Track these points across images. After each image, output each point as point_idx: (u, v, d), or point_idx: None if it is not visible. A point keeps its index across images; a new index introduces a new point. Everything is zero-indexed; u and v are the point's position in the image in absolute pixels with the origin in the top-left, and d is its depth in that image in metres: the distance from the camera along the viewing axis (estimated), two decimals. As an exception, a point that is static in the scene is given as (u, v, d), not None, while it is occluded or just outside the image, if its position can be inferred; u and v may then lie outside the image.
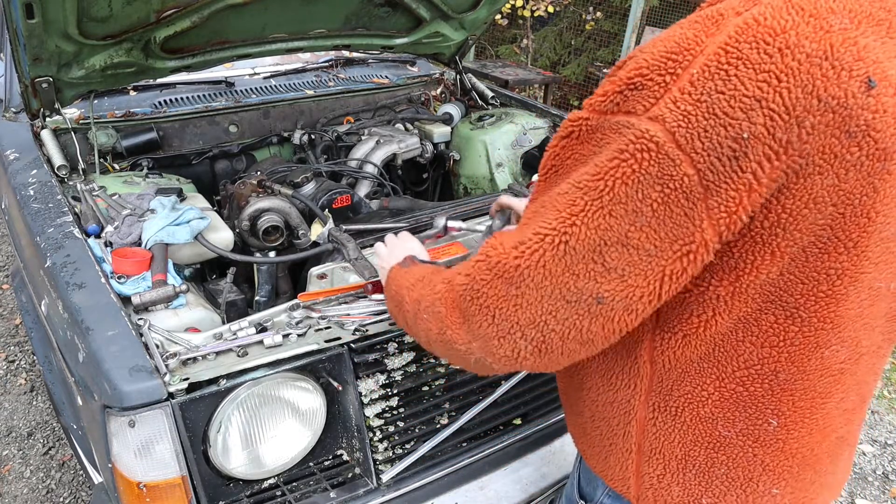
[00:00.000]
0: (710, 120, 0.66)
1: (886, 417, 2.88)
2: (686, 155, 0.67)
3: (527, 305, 0.78)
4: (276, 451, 1.32)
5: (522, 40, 6.64)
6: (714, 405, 0.85)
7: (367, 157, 2.30)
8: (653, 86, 0.70)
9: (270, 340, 1.27)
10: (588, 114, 0.76)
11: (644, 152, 0.68)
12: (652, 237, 0.71)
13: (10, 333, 3.21)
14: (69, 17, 1.61)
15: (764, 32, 0.66)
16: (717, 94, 0.66)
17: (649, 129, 0.68)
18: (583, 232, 0.74)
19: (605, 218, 0.72)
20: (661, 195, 0.69)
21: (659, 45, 0.71)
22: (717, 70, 0.66)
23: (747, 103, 0.65)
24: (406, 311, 1.01)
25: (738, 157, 0.66)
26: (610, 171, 0.71)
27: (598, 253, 0.73)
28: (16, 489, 2.39)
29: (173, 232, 1.55)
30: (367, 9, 2.18)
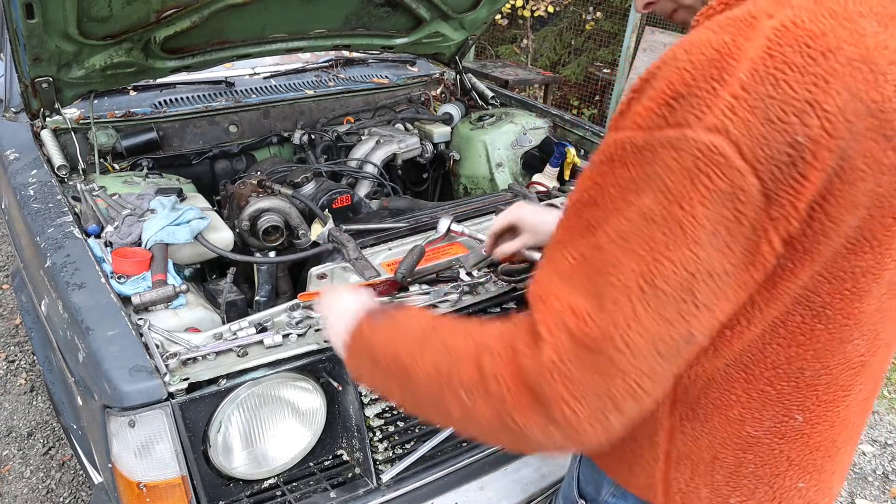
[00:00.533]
0: (767, 126, 0.64)
1: (886, 417, 2.88)
2: (750, 165, 0.64)
3: (622, 376, 0.68)
4: (276, 451, 1.32)
5: (522, 40, 6.64)
6: (742, 407, 0.85)
7: (367, 157, 2.30)
8: (702, 94, 0.65)
9: (270, 340, 1.27)
10: (631, 133, 0.69)
11: (714, 167, 0.64)
12: (730, 256, 0.67)
13: (10, 333, 3.21)
14: (69, 17, 1.61)
15: (805, 35, 0.65)
16: (770, 99, 0.64)
17: (713, 141, 0.64)
18: (670, 270, 0.66)
19: (691, 247, 0.66)
20: (734, 211, 0.65)
21: (696, 53, 0.68)
22: (765, 74, 0.64)
23: (799, 107, 0.64)
24: (414, 382, 0.82)
25: (794, 163, 0.64)
26: (684, 194, 0.65)
27: (688, 291, 0.67)
28: (16, 489, 2.39)
29: (173, 232, 1.55)
30: (367, 9, 2.18)
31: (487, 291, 1.48)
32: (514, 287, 1.49)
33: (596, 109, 6.34)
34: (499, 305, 1.49)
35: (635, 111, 0.70)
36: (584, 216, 0.73)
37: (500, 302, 1.49)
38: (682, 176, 0.65)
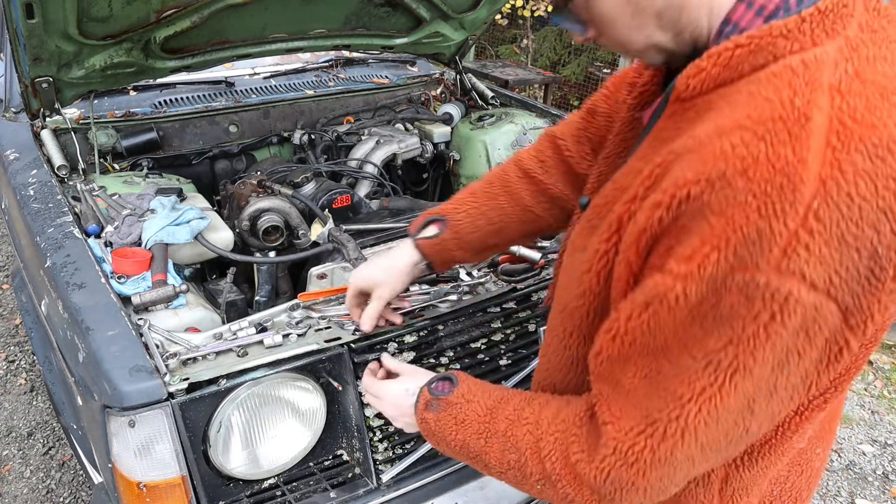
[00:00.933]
0: (843, 249, 0.60)
1: (886, 417, 2.88)
2: (824, 293, 0.61)
3: (680, 474, 0.73)
4: (276, 451, 1.32)
5: (522, 40, 6.64)
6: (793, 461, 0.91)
7: (367, 157, 2.30)
8: (773, 234, 0.60)
9: (270, 340, 1.27)
10: (691, 284, 0.64)
11: (787, 311, 0.61)
12: (800, 373, 0.66)
13: (10, 333, 3.21)
14: (69, 17, 1.61)
15: (868, 133, 0.60)
16: (845, 221, 0.59)
17: (790, 288, 0.60)
18: (731, 403, 0.67)
19: (753, 383, 0.65)
20: (806, 339, 0.63)
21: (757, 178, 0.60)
22: (838, 195, 0.59)
23: (874, 218, 0.60)
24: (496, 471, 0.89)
25: (873, 272, 0.61)
26: (757, 344, 0.63)
27: (746, 412, 0.68)
28: (16, 489, 2.39)
29: (173, 232, 1.55)
30: (367, 9, 2.18)
31: (487, 291, 1.48)
32: (513, 287, 1.49)
33: (596, 109, 6.33)
34: (499, 305, 1.48)
35: (694, 257, 0.63)
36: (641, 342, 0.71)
37: (500, 302, 1.49)
38: (753, 324, 0.62)
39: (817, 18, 0.65)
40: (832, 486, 2.51)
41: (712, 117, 0.66)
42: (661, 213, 0.66)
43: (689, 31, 0.72)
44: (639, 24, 0.72)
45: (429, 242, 1.17)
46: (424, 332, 1.38)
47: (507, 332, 1.49)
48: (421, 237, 1.18)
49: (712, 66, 0.68)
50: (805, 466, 0.94)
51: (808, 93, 0.62)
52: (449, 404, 0.93)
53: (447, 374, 0.98)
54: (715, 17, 0.70)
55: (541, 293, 1.53)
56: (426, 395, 0.97)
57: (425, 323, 1.38)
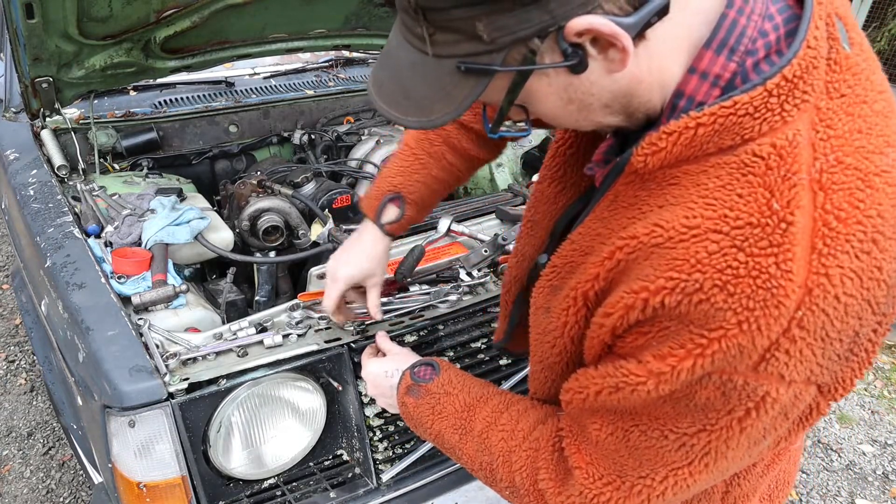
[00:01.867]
0: (826, 344, 0.59)
1: (886, 417, 2.88)
2: (807, 382, 0.61)
3: None
4: (276, 451, 1.32)
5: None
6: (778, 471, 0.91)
7: (367, 157, 2.30)
8: (754, 346, 0.58)
9: (270, 340, 1.27)
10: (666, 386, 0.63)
11: (767, 411, 0.61)
12: (774, 435, 0.67)
13: (10, 333, 3.21)
14: (69, 17, 1.61)
15: (854, 231, 0.57)
16: (831, 321, 0.58)
17: (769, 391, 0.60)
18: (703, 478, 0.67)
19: (723, 461, 0.66)
20: (783, 419, 0.64)
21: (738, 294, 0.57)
22: (825, 300, 0.57)
23: (858, 309, 0.59)
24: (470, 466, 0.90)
25: (852, 351, 0.62)
26: (727, 434, 0.63)
27: (718, 477, 0.69)
28: (16, 489, 2.39)
29: (173, 232, 1.55)
30: (367, 9, 2.18)
31: (487, 291, 1.48)
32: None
33: (596, 109, 6.33)
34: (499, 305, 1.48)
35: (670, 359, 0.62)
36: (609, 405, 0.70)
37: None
38: (727, 417, 0.62)
39: (785, 90, 0.59)
40: (832, 486, 2.51)
41: (679, 201, 0.62)
42: (636, 315, 0.64)
43: (641, 111, 0.67)
44: (586, 116, 0.67)
45: (395, 226, 1.17)
46: (425, 331, 1.38)
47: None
48: (386, 222, 1.16)
49: (672, 145, 0.62)
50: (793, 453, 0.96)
51: (786, 191, 0.58)
52: (428, 392, 0.94)
53: (430, 359, 0.99)
54: (666, 91, 0.64)
55: None
56: (407, 379, 0.98)
57: (426, 323, 1.38)
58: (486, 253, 1.54)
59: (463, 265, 1.54)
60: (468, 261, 1.54)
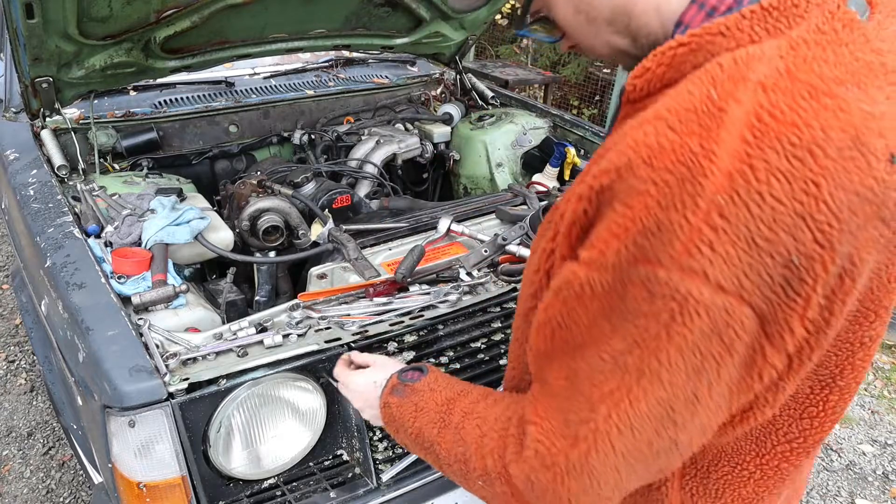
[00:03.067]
0: (753, 252, 0.56)
1: (886, 417, 2.88)
2: (735, 296, 0.58)
3: (603, 484, 0.69)
4: (276, 451, 1.32)
5: (522, 40, 6.64)
6: (757, 483, 0.81)
7: (367, 157, 2.30)
8: (673, 227, 0.57)
9: (270, 340, 1.27)
10: (597, 272, 0.63)
11: (691, 315, 0.59)
12: (721, 384, 0.63)
13: (10, 333, 3.21)
14: (69, 17, 1.61)
15: (786, 131, 0.56)
16: (755, 221, 0.56)
17: (689, 288, 0.58)
18: (644, 411, 0.64)
19: (667, 389, 0.63)
20: (722, 345, 0.60)
21: (660, 168, 0.58)
22: (747, 193, 0.56)
23: (790, 222, 0.56)
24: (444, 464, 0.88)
25: (791, 283, 0.58)
26: (659, 346, 0.61)
27: (666, 420, 0.65)
28: (16, 489, 2.39)
29: (173, 232, 1.55)
30: (367, 9, 2.18)
31: (487, 291, 1.48)
32: (514, 287, 1.49)
33: (596, 109, 6.34)
34: (499, 305, 1.48)
35: (597, 244, 0.62)
36: (558, 336, 0.70)
37: (501, 301, 1.49)
38: (655, 324, 0.60)
39: (759, 15, 0.62)
40: (832, 486, 2.51)
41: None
42: (584, 205, 0.65)
43: (643, 36, 0.71)
44: (595, 31, 0.74)
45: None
46: (425, 331, 1.38)
47: (507, 331, 1.49)
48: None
49: (656, 65, 0.65)
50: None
51: (728, 86, 0.58)
52: (414, 391, 0.93)
53: (419, 364, 0.98)
54: (667, 21, 0.69)
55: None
56: (394, 380, 0.97)
57: (426, 323, 1.38)
58: (486, 253, 1.54)
59: (463, 265, 1.54)
60: (468, 261, 1.54)
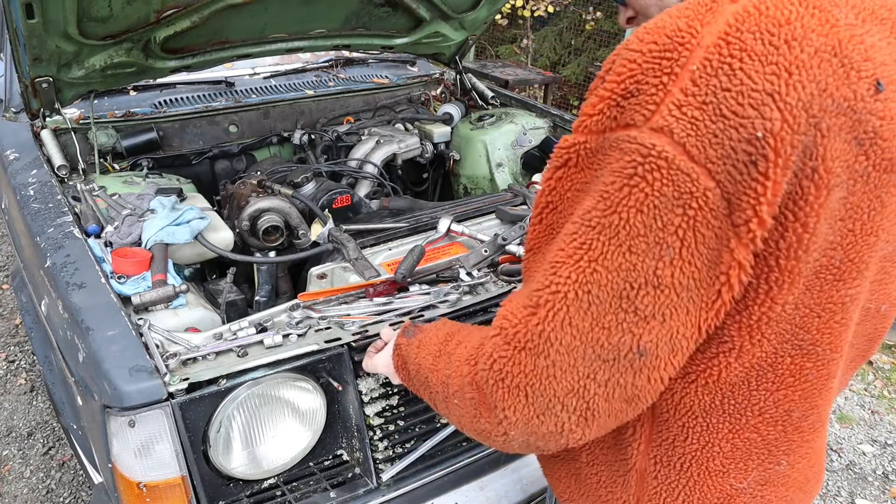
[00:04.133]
0: (720, 122, 0.58)
1: (886, 417, 2.88)
2: (701, 166, 0.59)
3: (561, 374, 0.67)
4: (276, 451, 1.32)
5: (522, 40, 6.64)
6: (725, 457, 0.78)
7: (367, 157, 2.30)
8: (650, 90, 0.61)
9: (270, 340, 1.27)
10: (584, 136, 0.67)
11: (655, 171, 0.60)
12: (686, 270, 0.61)
13: (10, 333, 3.21)
14: (69, 17, 1.61)
15: (767, 22, 0.59)
16: (724, 92, 0.58)
17: (655, 143, 0.59)
18: (604, 277, 0.63)
19: (626, 256, 0.62)
20: (685, 218, 0.60)
21: (647, 41, 0.63)
22: (719, 64, 0.59)
23: (758, 98, 0.57)
24: (434, 393, 0.87)
25: (755, 162, 0.58)
26: (621, 200, 0.62)
27: (626, 299, 0.63)
28: (16, 489, 2.39)
29: (173, 232, 1.55)
30: (367, 9, 2.18)
31: (487, 291, 1.48)
32: (514, 287, 1.49)
33: (596, 109, 6.33)
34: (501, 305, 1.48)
35: (586, 109, 0.67)
36: (546, 221, 0.73)
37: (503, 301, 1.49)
38: (621, 180, 0.62)
39: None
40: (832, 486, 2.51)
41: None
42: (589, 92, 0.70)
43: None
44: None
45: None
46: None
47: None
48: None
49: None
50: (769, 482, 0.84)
51: None
52: (421, 330, 0.97)
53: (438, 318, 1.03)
54: None
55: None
56: (407, 323, 1.03)
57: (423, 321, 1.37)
58: (486, 253, 1.54)
59: (463, 265, 1.54)
60: (468, 261, 1.54)
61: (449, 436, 1.46)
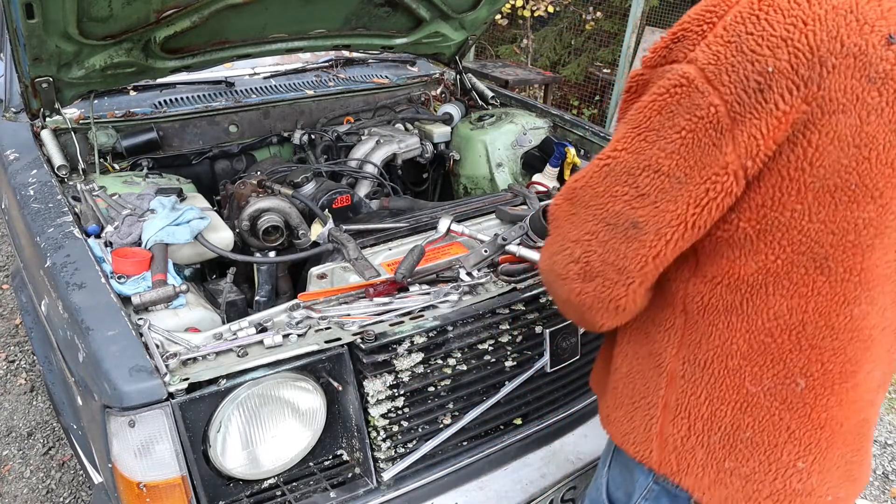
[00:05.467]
0: (738, 56, 0.74)
1: (886, 417, 2.88)
2: (714, 88, 0.75)
3: (578, 222, 0.88)
4: (276, 451, 1.32)
5: (522, 40, 6.64)
6: (742, 357, 0.88)
7: (367, 157, 2.30)
8: (692, 36, 0.79)
9: (270, 340, 1.27)
10: (643, 70, 0.86)
11: (678, 87, 0.78)
12: (681, 164, 0.78)
13: (10, 333, 3.21)
14: (69, 17, 1.61)
15: None
16: (747, 35, 0.75)
17: (685, 69, 0.77)
18: (622, 156, 0.83)
19: (641, 143, 0.81)
20: (690, 123, 0.77)
21: (701, 4, 0.81)
22: (748, 15, 0.75)
23: (774, 42, 0.73)
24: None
25: (762, 90, 0.73)
26: (649, 104, 0.81)
27: (632, 176, 0.82)
28: (16, 489, 2.39)
29: (173, 232, 1.55)
30: (367, 9, 2.18)
31: (487, 291, 1.48)
32: (514, 287, 1.49)
33: (596, 109, 6.34)
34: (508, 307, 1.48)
35: (648, 53, 0.85)
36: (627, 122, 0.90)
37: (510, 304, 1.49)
38: (653, 92, 0.81)
39: None
40: (832, 486, 2.51)
41: None
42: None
43: None
44: None
45: None
46: (434, 332, 1.38)
47: (514, 333, 1.49)
48: None
49: None
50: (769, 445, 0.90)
51: None
52: None
53: None
54: None
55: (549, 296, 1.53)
56: None
57: (435, 324, 1.38)
58: (486, 253, 1.54)
59: (463, 265, 1.54)
60: (468, 261, 1.54)
61: (449, 436, 1.46)
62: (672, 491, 0.99)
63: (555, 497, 1.58)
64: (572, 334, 1.56)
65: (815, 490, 0.92)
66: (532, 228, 1.57)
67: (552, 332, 1.52)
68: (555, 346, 1.54)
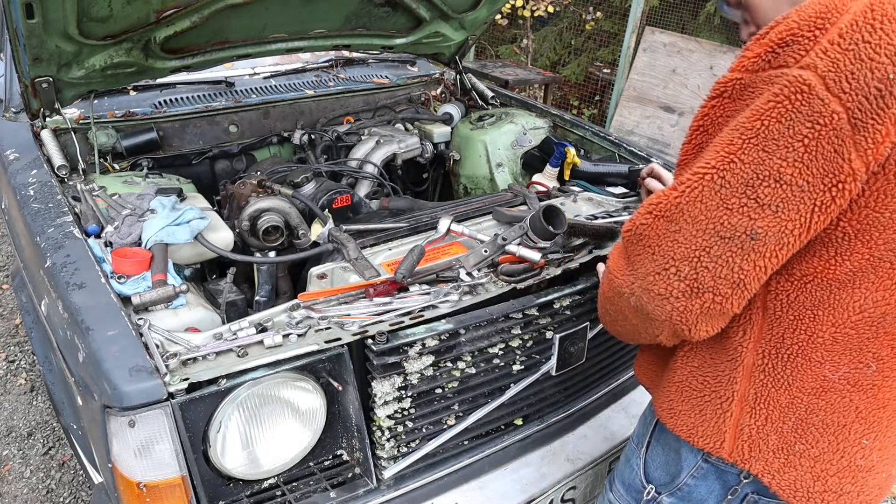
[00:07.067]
0: (857, 64, 0.75)
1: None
2: (835, 96, 0.76)
3: (683, 240, 0.86)
4: (276, 451, 1.32)
5: (522, 40, 6.64)
6: (826, 349, 0.90)
7: (367, 157, 2.30)
8: (803, 40, 0.78)
9: (270, 340, 1.27)
10: (740, 74, 0.84)
11: (797, 94, 0.77)
12: (804, 172, 0.78)
13: (10, 333, 3.21)
14: (69, 17, 1.61)
15: None
16: (864, 44, 0.76)
17: (802, 75, 0.77)
18: (738, 167, 0.81)
19: (759, 153, 0.80)
20: (812, 131, 0.77)
21: (807, 9, 0.80)
22: (864, 24, 0.76)
23: (892, 50, 0.75)
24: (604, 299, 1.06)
25: (883, 96, 0.75)
26: (766, 111, 0.79)
27: (751, 187, 0.81)
28: (16, 489, 2.39)
29: (173, 232, 1.55)
30: (367, 9, 2.18)
31: (487, 291, 1.48)
32: (514, 287, 1.49)
33: (596, 109, 6.34)
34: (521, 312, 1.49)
35: (745, 56, 0.83)
36: (695, 141, 0.91)
37: (523, 308, 1.49)
38: (769, 98, 0.79)
39: None
40: (832, 486, 2.51)
41: None
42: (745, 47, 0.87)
43: None
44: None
45: None
46: (446, 335, 1.38)
47: (525, 338, 1.50)
48: None
49: None
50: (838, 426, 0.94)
51: None
52: None
53: None
54: None
55: (563, 301, 1.54)
56: None
57: (448, 327, 1.38)
58: (486, 253, 1.54)
59: (463, 265, 1.54)
60: (468, 261, 1.54)
61: (452, 436, 1.46)
62: (721, 467, 1.03)
63: (555, 497, 1.58)
64: (580, 339, 1.58)
65: (874, 466, 0.97)
66: (532, 229, 1.57)
67: (562, 337, 1.53)
68: (563, 350, 1.55)
